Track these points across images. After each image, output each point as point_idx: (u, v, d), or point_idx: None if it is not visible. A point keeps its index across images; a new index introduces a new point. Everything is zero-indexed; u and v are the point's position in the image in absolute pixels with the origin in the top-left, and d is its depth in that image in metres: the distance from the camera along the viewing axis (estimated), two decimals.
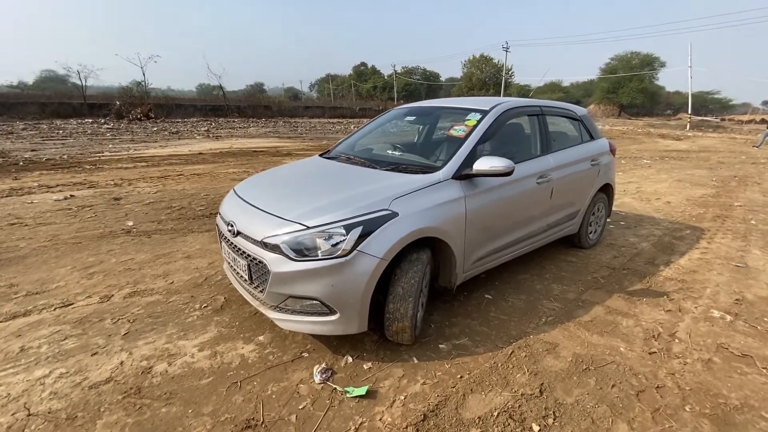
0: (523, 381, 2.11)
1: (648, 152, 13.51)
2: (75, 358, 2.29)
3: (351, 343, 2.41)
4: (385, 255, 2.07)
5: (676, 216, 5.40)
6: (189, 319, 2.70)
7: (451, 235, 2.42)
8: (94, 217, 4.93)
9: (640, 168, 9.80)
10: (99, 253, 3.82)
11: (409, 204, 2.24)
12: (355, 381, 2.12)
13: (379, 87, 69.75)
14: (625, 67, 47.61)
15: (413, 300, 2.18)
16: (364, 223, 2.07)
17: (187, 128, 18.28)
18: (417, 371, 2.20)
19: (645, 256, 3.93)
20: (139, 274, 3.37)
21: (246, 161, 9.44)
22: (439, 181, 2.43)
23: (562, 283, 3.30)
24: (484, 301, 2.99)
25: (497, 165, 2.43)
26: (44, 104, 21.63)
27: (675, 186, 7.52)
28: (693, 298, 3.07)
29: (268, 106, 29.13)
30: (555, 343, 2.45)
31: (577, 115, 3.80)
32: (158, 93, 29.64)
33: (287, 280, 2.07)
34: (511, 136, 3.21)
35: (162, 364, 2.24)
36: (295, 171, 3.03)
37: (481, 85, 56.28)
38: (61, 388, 2.04)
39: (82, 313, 2.75)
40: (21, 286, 3.13)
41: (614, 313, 2.82)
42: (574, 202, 3.58)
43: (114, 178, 7.06)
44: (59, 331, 2.54)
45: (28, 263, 3.57)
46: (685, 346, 2.45)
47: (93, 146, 11.45)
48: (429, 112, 3.49)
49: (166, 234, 4.37)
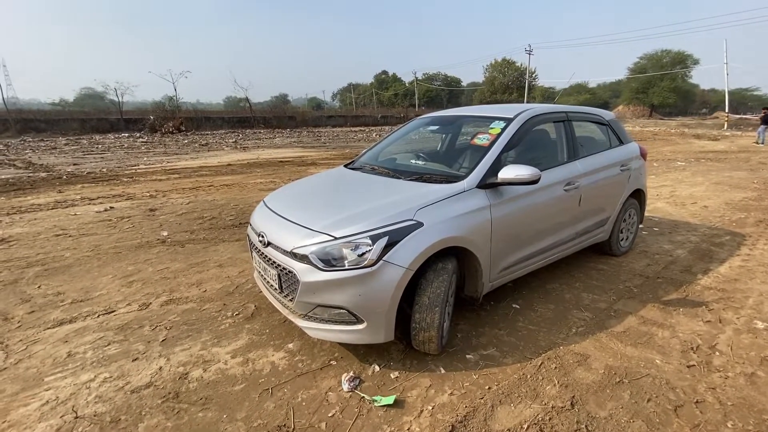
0: (553, 393, 2.07)
1: (682, 154, 12.97)
2: (117, 363, 2.41)
3: (378, 352, 2.44)
4: (411, 265, 2.10)
5: (714, 221, 5.16)
6: (222, 326, 2.80)
7: (477, 244, 2.42)
8: (132, 227, 5.18)
9: (674, 171, 9.43)
10: (137, 262, 4.01)
11: (433, 214, 2.26)
12: (382, 390, 2.14)
13: (401, 94, 70.11)
14: (655, 66, 46.01)
15: (440, 310, 2.19)
16: (389, 234, 2.10)
17: (216, 140, 18.96)
18: (444, 381, 2.19)
19: (681, 263, 3.78)
20: (175, 283, 3.52)
21: (272, 171, 9.69)
22: (463, 190, 2.44)
23: (593, 292, 3.22)
24: (512, 310, 2.95)
25: (523, 173, 2.42)
26: (84, 120, 22.96)
27: (712, 189, 7.19)
28: (734, 308, 2.93)
29: (292, 117, 29.82)
30: (586, 355, 2.39)
31: (605, 119, 3.72)
32: (188, 107, 30.91)
33: (316, 290, 2.13)
34: (536, 143, 3.18)
35: (197, 370, 2.33)
36: (322, 182, 3.11)
37: (504, 89, 55.66)
38: (105, 392, 2.16)
39: (124, 320, 2.90)
40: (67, 294, 3.33)
41: (649, 324, 2.73)
42: (603, 208, 3.50)
43: (149, 190, 7.40)
44: (103, 337, 2.69)
45: (73, 272, 3.79)
46: (727, 359, 2.34)
47: (129, 159, 12.05)
48: (452, 121, 3.51)
49: (198, 243, 4.54)
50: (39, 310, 3.08)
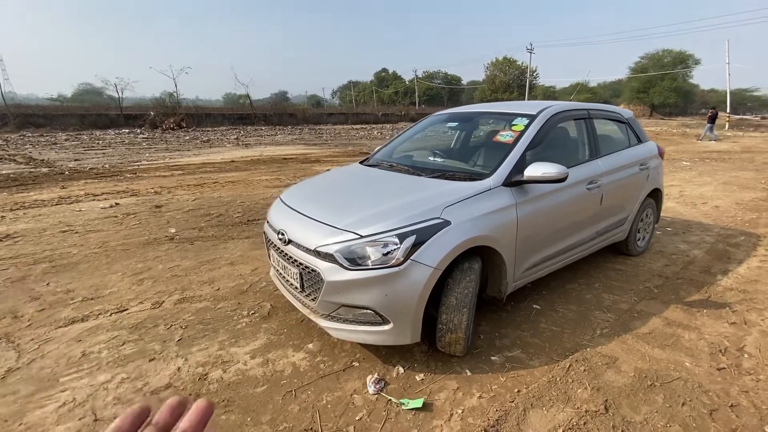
0: (585, 397, 2.02)
1: (686, 154, 12.94)
2: (134, 363, 2.35)
3: (400, 354, 2.39)
4: (439, 264, 2.04)
5: (726, 221, 5.12)
6: (238, 326, 2.74)
7: (503, 243, 2.36)
8: (139, 224, 5.11)
9: (681, 170, 9.39)
10: (146, 259, 3.94)
11: (461, 212, 2.20)
12: (409, 393, 2.09)
13: (401, 92, 69.97)
14: (656, 66, 46.01)
15: (468, 310, 2.14)
16: (417, 232, 2.05)
17: (217, 137, 18.83)
18: (471, 384, 2.14)
19: (699, 264, 3.73)
20: (186, 281, 3.45)
21: (277, 168, 9.61)
22: (489, 188, 2.39)
23: (613, 293, 3.17)
24: (533, 311, 2.90)
25: (550, 171, 2.37)
26: (83, 116, 22.78)
27: (721, 189, 7.15)
28: (758, 309, 2.89)
29: (293, 114, 29.69)
30: (614, 357, 2.34)
31: (624, 117, 3.67)
32: (188, 103, 30.75)
33: (341, 289, 2.07)
34: (559, 140, 3.13)
35: (217, 371, 2.27)
36: (340, 179, 3.05)
37: (505, 88, 55.56)
38: (123, 393, 2.10)
39: (137, 319, 2.83)
40: (77, 292, 3.26)
41: (674, 326, 2.69)
42: (623, 207, 3.45)
43: (154, 186, 7.32)
44: (117, 336, 2.63)
45: (81, 269, 3.72)
46: (756, 362, 2.30)
47: (131, 155, 11.94)
48: (470, 117, 3.45)
49: (207, 241, 4.48)
50: (49, 308, 3.01)
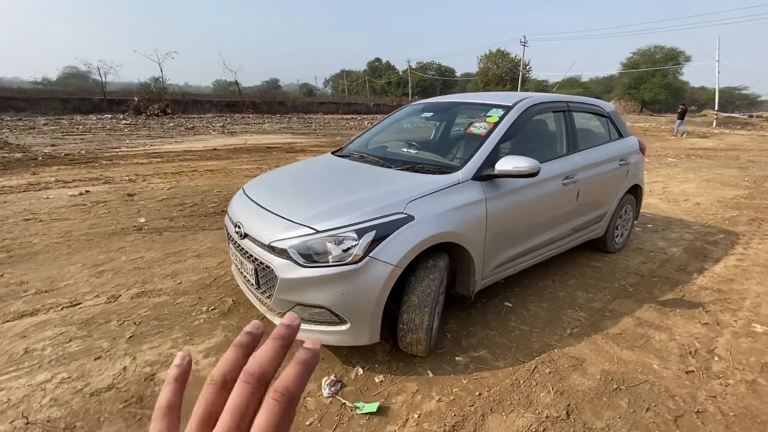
0: (547, 401, 1.94)
1: (673, 150, 12.99)
2: (78, 362, 2.22)
3: (362, 354, 2.28)
4: (400, 262, 1.93)
5: (707, 219, 5.10)
6: (196, 322, 2.61)
7: (471, 240, 2.26)
8: (108, 213, 4.91)
9: (666, 167, 9.40)
10: (110, 250, 3.78)
11: (426, 207, 2.09)
12: (365, 395, 1.99)
13: (394, 83, 69.34)
14: (648, 62, 46.15)
15: (429, 310, 2.04)
16: (377, 228, 1.93)
17: (203, 124, 18.43)
18: (432, 386, 2.05)
19: (676, 262, 3.69)
20: (148, 274, 3.30)
21: (260, 157, 9.40)
22: (458, 182, 2.27)
23: (587, 291, 3.10)
24: (504, 309, 2.82)
25: (522, 165, 2.26)
26: (66, 100, 22.10)
27: (704, 186, 7.16)
28: (731, 310, 2.84)
29: (282, 102, 29.18)
30: (581, 358, 2.27)
31: (606, 111, 3.57)
32: (175, 89, 30.03)
33: (295, 287, 1.95)
34: (535, 133, 3.02)
35: (166, 372, 2.14)
36: (306, 170, 2.91)
37: (498, 81, 55.35)
38: (62, 395, 1.97)
39: (89, 314, 2.69)
40: (31, 284, 3.09)
41: (645, 326, 2.62)
42: (601, 204, 3.37)
43: (129, 174, 7.08)
44: (64, 332, 2.48)
45: (39, 260, 3.54)
46: (726, 365, 2.25)
47: (111, 142, 11.59)
48: (447, 107, 3.32)
49: (177, 231, 4.31)
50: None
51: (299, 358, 0.32)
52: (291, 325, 0.34)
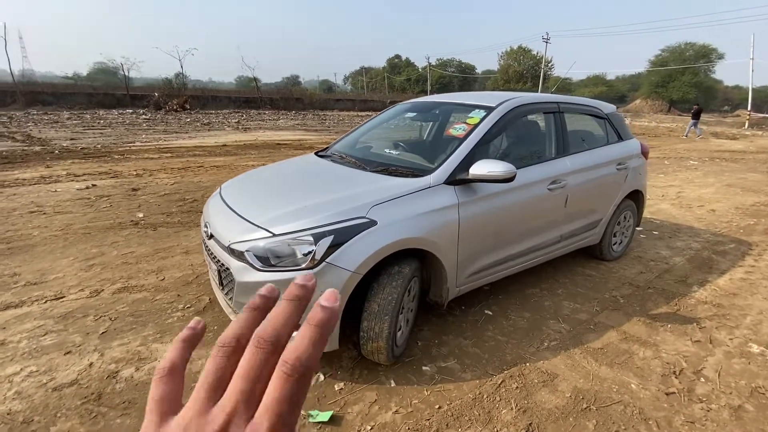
0: (508, 419, 1.85)
1: (697, 152, 12.42)
2: (49, 356, 2.25)
3: (326, 359, 2.24)
4: (358, 268, 1.87)
5: (720, 227, 4.83)
6: (169, 320, 2.62)
7: (440, 246, 2.18)
8: (109, 207, 5.02)
9: (686, 170, 8.99)
10: (103, 244, 3.85)
11: (390, 211, 2.02)
12: (322, 403, 1.95)
13: (413, 79, 68.94)
14: (678, 60, 44.38)
15: (389, 318, 1.97)
16: (335, 232, 1.88)
17: (219, 120, 18.72)
18: (392, 397, 1.99)
19: (677, 273, 3.50)
20: (135, 269, 3.35)
21: (267, 154, 9.46)
22: (428, 186, 2.19)
23: (575, 301, 2.97)
24: (483, 317, 2.72)
25: (496, 170, 2.16)
26: (91, 95, 22.82)
27: (723, 191, 6.80)
28: (729, 327, 2.66)
29: (299, 99, 29.34)
30: (554, 374, 2.16)
31: (603, 112, 3.40)
32: (197, 85, 30.62)
33: (251, 291, 1.92)
34: (521, 135, 2.90)
35: (129, 369, 2.16)
36: (282, 171, 2.87)
37: (518, 78, 54.32)
38: (26, 388, 2.00)
39: (69, 308, 2.73)
40: (22, 276, 3.18)
41: (630, 341, 2.49)
42: (594, 210, 3.22)
43: (137, 169, 7.24)
44: (42, 325, 2.53)
45: (35, 252, 3.64)
46: (712, 388, 2.10)
47: (128, 136, 11.89)
48: (431, 107, 3.22)
49: (171, 227, 4.37)
50: None
51: (314, 319, 0.27)
52: (306, 285, 0.30)
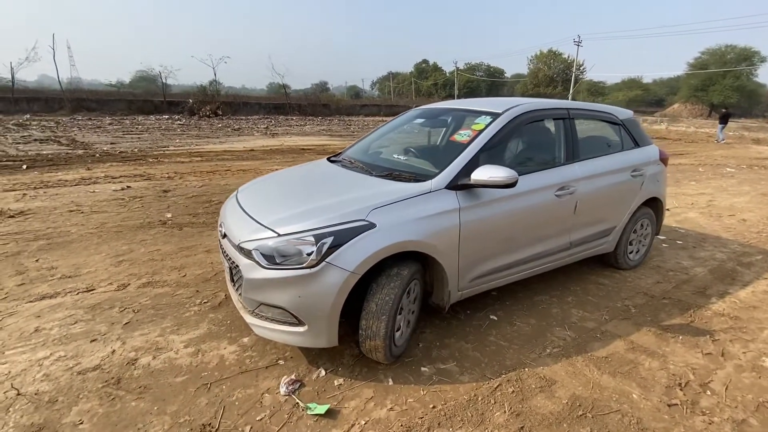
0: (500, 421, 1.88)
1: (735, 159, 11.82)
2: (77, 342, 2.45)
3: (329, 355, 2.33)
4: (356, 268, 1.95)
5: (749, 237, 4.61)
6: (187, 313, 2.79)
7: (441, 250, 2.23)
8: (141, 207, 5.34)
9: (720, 177, 8.58)
10: (133, 242, 4.11)
11: (389, 215, 2.09)
12: (321, 397, 2.03)
13: (440, 84, 68.76)
14: (718, 62, 42.21)
15: (386, 318, 2.03)
16: (335, 234, 1.97)
17: (248, 125, 19.38)
18: (388, 394, 2.05)
19: (696, 283, 3.38)
20: (160, 265, 3.56)
21: (292, 159, 9.74)
22: (429, 190, 2.25)
23: (585, 309, 2.93)
24: (487, 322, 2.74)
25: (497, 175, 2.20)
26: (131, 101, 24.14)
27: (757, 200, 6.45)
28: (743, 340, 2.56)
29: (326, 105, 29.93)
30: (553, 380, 2.16)
31: (618, 118, 3.34)
32: (230, 91, 31.76)
33: (258, 287, 2.04)
34: (529, 142, 2.91)
35: (147, 357, 2.32)
36: (295, 175, 3.00)
37: (548, 82, 53.17)
38: (54, 371, 2.19)
39: (98, 300, 2.95)
40: (59, 269, 3.45)
41: (637, 351, 2.44)
42: (607, 217, 3.17)
43: (169, 172, 7.64)
44: (72, 315, 2.75)
45: (72, 248, 3.93)
46: (717, 401, 2.04)
47: (163, 141, 12.53)
48: (439, 114, 3.28)
49: (196, 227, 4.60)
50: (29, 282, 3.20)
51: None
52: None
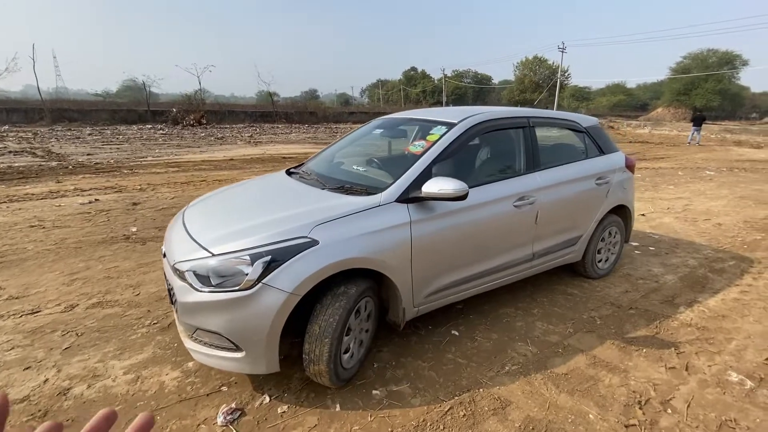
0: None
1: (715, 162, 11.96)
2: (9, 371, 2.29)
3: (277, 380, 2.20)
4: (296, 289, 1.84)
5: (723, 242, 4.60)
6: (133, 336, 2.65)
7: (391, 266, 2.13)
8: (106, 221, 5.16)
9: (698, 181, 8.64)
10: (91, 259, 3.95)
11: (334, 231, 1.99)
12: (261, 427, 1.91)
13: (428, 91, 69.29)
14: (700, 66, 43.18)
15: (330, 341, 1.92)
16: (272, 253, 1.86)
17: (232, 134, 19.18)
18: (333, 422, 1.93)
19: (665, 292, 3.32)
20: (114, 284, 3.41)
21: (272, 168, 9.61)
22: (378, 204, 2.16)
23: (550, 322, 2.85)
24: (448, 338, 2.64)
25: (447, 188, 2.12)
26: (115, 111, 23.81)
27: (734, 204, 6.49)
28: (709, 353, 2.50)
29: (313, 112, 29.85)
30: (508, 401, 2.06)
31: (582, 126, 3.30)
32: (219, 100, 31.55)
33: (192, 311, 1.92)
34: (486, 152, 2.84)
35: (81, 386, 2.17)
36: (248, 189, 2.88)
37: (534, 88, 53.85)
38: None
39: (41, 323, 2.79)
40: (7, 290, 3.28)
41: (599, 366, 2.36)
42: (571, 226, 3.11)
43: (141, 183, 7.46)
44: (11, 340, 2.59)
45: (25, 266, 3.76)
46: (677, 420, 1.96)
47: (142, 151, 12.30)
48: (399, 123, 3.19)
49: (160, 242, 4.44)
50: None
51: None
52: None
